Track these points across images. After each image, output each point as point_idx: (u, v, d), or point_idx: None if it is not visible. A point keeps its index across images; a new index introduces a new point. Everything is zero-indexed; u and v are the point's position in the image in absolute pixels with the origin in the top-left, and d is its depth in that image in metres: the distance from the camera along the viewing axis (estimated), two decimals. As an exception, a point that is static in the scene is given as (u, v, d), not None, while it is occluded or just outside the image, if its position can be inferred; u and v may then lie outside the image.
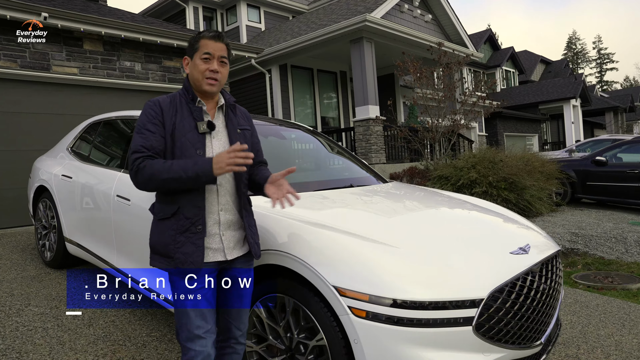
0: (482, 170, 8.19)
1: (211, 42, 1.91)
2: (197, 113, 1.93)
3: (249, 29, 15.40)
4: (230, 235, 1.95)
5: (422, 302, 1.86)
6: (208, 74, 1.90)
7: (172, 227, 1.86)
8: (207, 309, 1.88)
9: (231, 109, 2.06)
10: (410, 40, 11.19)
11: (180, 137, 1.87)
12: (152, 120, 1.88)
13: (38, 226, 4.66)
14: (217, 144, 1.95)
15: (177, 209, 1.86)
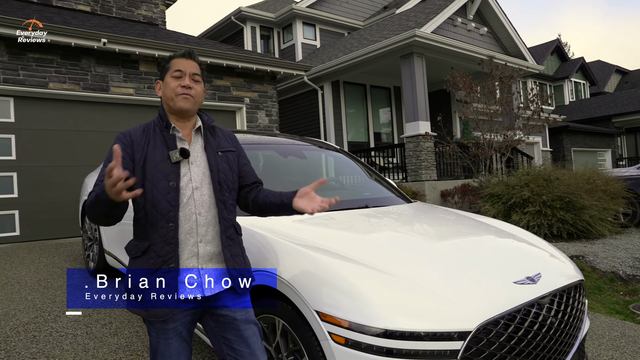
0: (535, 188, 7.79)
1: (182, 60, 1.85)
2: (170, 141, 1.82)
3: (305, 46, 15.72)
4: (211, 270, 1.82)
5: (403, 331, 1.79)
6: (180, 90, 1.79)
7: (142, 266, 1.76)
8: (181, 347, 1.82)
9: (210, 131, 1.94)
10: (462, 54, 10.94)
11: (152, 168, 1.76)
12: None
13: (84, 238, 4.99)
14: (196, 170, 1.84)
15: (147, 247, 1.76)
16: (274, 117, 9.86)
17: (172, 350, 1.79)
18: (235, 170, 1.97)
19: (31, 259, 5.52)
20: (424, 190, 9.90)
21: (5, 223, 6.87)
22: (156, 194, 1.75)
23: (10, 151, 6.94)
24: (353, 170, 3.99)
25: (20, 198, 6.96)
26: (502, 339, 1.91)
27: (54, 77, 7.12)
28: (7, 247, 6.30)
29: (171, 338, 1.78)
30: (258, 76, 9.61)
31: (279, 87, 13.17)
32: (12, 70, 6.80)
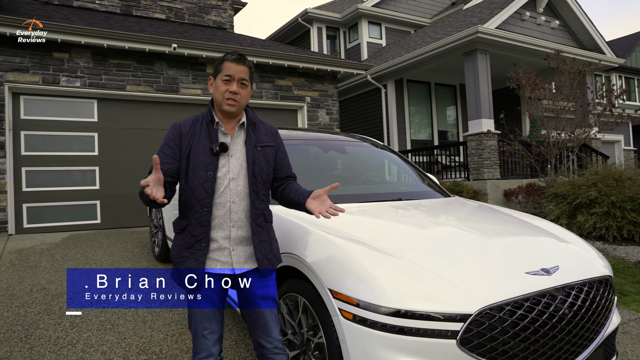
0: (603, 188, 7.40)
1: (233, 65, 2.01)
2: (213, 135, 2.04)
3: (370, 45, 15.81)
4: (241, 251, 2.05)
5: (406, 311, 1.94)
6: (227, 95, 2.00)
7: (180, 242, 2.05)
8: (212, 312, 2.04)
9: (252, 127, 2.13)
10: (529, 49, 10.54)
11: (194, 158, 2.00)
12: (169, 143, 2.05)
13: (151, 226, 5.50)
14: (235, 162, 2.05)
15: (185, 226, 2.03)
16: (334, 115, 10.10)
17: (203, 314, 2.03)
18: (272, 164, 2.18)
19: (108, 243, 6.15)
20: (486, 189, 9.68)
21: (89, 212, 7.66)
22: (195, 182, 2.00)
23: (93, 147, 7.72)
24: (394, 165, 4.11)
25: (101, 190, 7.73)
26: (505, 325, 1.99)
27: (130, 80, 7.82)
28: (89, 233, 7.04)
29: (203, 303, 2.02)
30: (319, 76, 9.88)
31: (341, 86, 13.39)
32: (96, 75, 7.57)
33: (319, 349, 2.28)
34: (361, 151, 4.05)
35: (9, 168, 6.99)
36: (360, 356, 2.00)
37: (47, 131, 7.41)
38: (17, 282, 4.34)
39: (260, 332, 2.11)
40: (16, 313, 3.63)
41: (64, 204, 7.48)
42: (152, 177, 1.78)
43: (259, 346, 2.14)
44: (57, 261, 5.13)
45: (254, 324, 2.13)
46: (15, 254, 5.40)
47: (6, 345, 3.10)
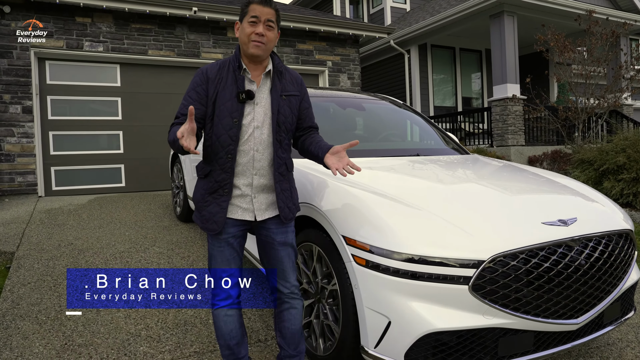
0: (633, 154, 7.17)
1: (259, 7, 1.97)
2: (240, 81, 2.00)
3: (394, 10, 15.39)
4: (262, 198, 2.08)
5: (419, 257, 1.95)
6: (254, 37, 1.96)
7: (204, 186, 2.07)
8: (232, 256, 2.09)
9: (278, 75, 2.09)
10: (559, 11, 10.11)
11: (220, 105, 1.98)
12: (195, 88, 2.02)
13: (173, 186, 5.61)
14: (260, 110, 2.04)
15: (209, 172, 2.05)
16: (356, 80, 9.97)
17: (223, 257, 2.08)
18: (296, 114, 2.18)
19: (132, 205, 6.31)
20: (510, 155, 9.51)
21: (114, 175, 7.85)
22: (220, 128, 2.00)
23: (117, 112, 7.84)
24: (415, 124, 4.06)
25: (125, 154, 7.88)
26: (519, 273, 1.98)
27: (152, 45, 7.84)
28: (114, 196, 7.22)
29: (223, 247, 2.07)
30: (340, 40, 9.72)
31: (364, 51, 13.15)
32: (118, 40, 7.61)
33: (333, 296, 2.32)
34: (379, 108, 4.00)
35: (37, 132, 7.17)
36: (372, 301, 2.03)
37: (73, 96, 7.54)
38: (46, 238, 4.51)
39: (277, 276, 2.16)
40: (45, 265, 3.79)
41: (90, 167, 7.67)
42: (186, 127, 1.78)
43: (275, 291, 2.20)
44: (83, 220, 5.30)
45: (271, 269, 2.18)
46: (45, 214, 5.59)
47: (37, 293, 3.25)
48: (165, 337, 2.72)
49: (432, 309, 1.95)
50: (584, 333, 2.25)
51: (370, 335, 2.05)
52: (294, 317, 2.18)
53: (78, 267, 3.75)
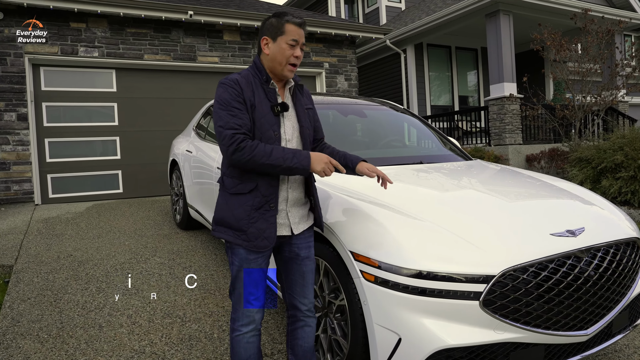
0: (630, 152, 7.17)
1: (298, 29, 1.95)
2: (271, 94, 1.99)
3: (389, 9, 15.37)
4: (295, 212, 2.06)
5: (428, 272, 1.92)
6: (292, 60, 1.96)
7: (247, 202, 1.93)
8: (259, 277, 1.99)
9: (299, 89, 2.13)
10: (554, 9, 10.10)
11: (260, 118, 1.93)
12: (236, 99, 1.90)
13: (172, 194, 5.57)
14: (289, 124, 2.04)
15: (255, 186, 1.93)
16: (353, 81, 9.94)
17: (252, 279, 1.98)
18: (313, 126, 2.21)
19: (130, 212, 6.26)
20: (507, 154, 9.51)
21: (111, 181, 7.79)
22: (263, 142, 1.93)
23: (113, 118, 7.78)
24: (416, 129, 4.03)
25: (122, 159, 7.83)
26: (529, 286, 1.96)
27: (148, 49, 7.79)
28: (112, 202, 7.17)
29: (252, 268, 1.98)
30: (337, 41, 9.69)
31: (360, 52, 13.12)
32: (113, 45, 7.55)
33: (341, 311, 2.29)
34: (381, 115, 3.98)
35: (33, 139, 7.11)
36: (382, 317, 2.00)
37: (68, 102, 7.48)
38: (44, 250, 4.46)
39: (296, 293, 2.13)
40: (45, 279, 3.74)
41: (87, 174, 7.61)
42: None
43: (292, 308, 2.16)
44: (82, 229, 5.25)
45: (291, 285, 2.14)
46: (42, 223, 5.54)
47: (37, 309, 3.21)
48: (170, 353, 2.68)
49: (443, 325, 1.92)
50: (594, 343, 2.24)
51: (380, 352, 2.02)
52: (307, 335, 2.15)
53: (79, 280, 3.71)
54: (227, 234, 1.98)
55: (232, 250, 2.01)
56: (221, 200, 2.03)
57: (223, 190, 2.04)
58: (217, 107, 1.93)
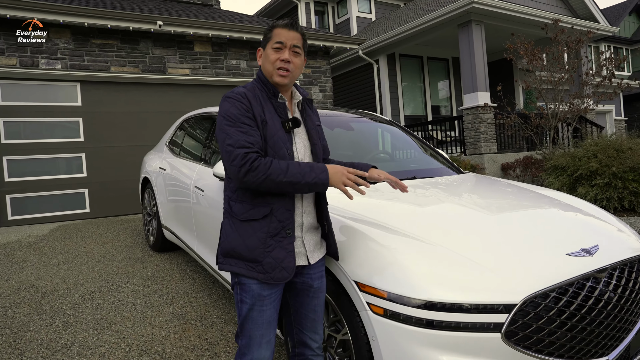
0: (604, 159, 7.26)
1: (284, 31, 1.79)
2: (281, 110, 1.81)
3: (360, 20, 15.39)
4: (309, 239, 1.86)
5: (443, 303, 1.73)
6: (279, 64, 1.77)
7: (262, 229, 1.72)
8: (273, 317, 1.79)
9: (308, 104, 1.97)
10: (524, 20, 10.26)
11: (272, 135, 1.74)
12: (245, 114, 1.72)
13: (144, 213, 5.24)
14: (299, 142, 1.85)
15: (269, 211, 1.73)
16: (327, 92, 9.80)
17: (264, 318, 1.76)
18: (322, 143, 2.03)
19: (99, 233, 5.88)
20: (483, 163, 9.52)
21: (77, 201, 7.35)
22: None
23: (78, 133, 7.37)
24: (403, 142, 3.88)
25: (89, 177, 7.41)
26: (551, 313, 1.80)
27: (115, 61, 7.44)
28: (78, 223, 6.75)
29: (266, 305, 1.75)
30: (311, 52, 9.55)
31: (333, 62, 13.03)
32: (77, 56, 7.17)
33: (343, 347, 2.08)
34: (367, 127, 3.80)
35: (-10, 158, 6.64)
36: (394, 355, 1.79)
37: (29, 117, 7.05)
38: (2, 280, 4.08)
39: (307, 329, 1.93)
40: (3, 315, 3.38)
41: (50, 193, 7.16)
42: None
43: (301, 345, 1.96)
44: (45, 255, 4.86)
45: (301, 320, 1.92)
46: (0, 249, 5.11)
47: (-5, 350, 2.86)
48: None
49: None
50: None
51: (393, 394, 1.81)
52: None
53: (43, 314, 3.36)
54: (239, 267, 1.76)
55: (242, 286, 1.77)
56: (229, 228, 1.80)
57: (231, 217, 1.80)
58: (223, 123, 1.72)
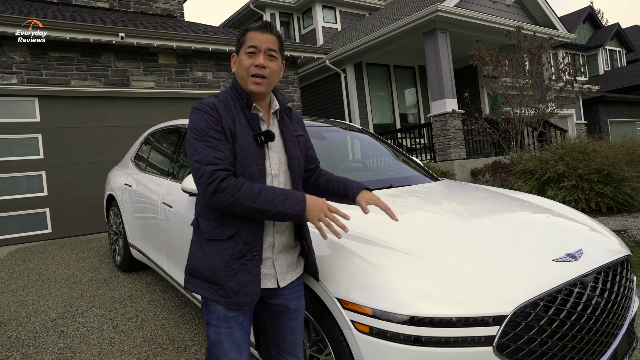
0: (570, 162, 7.43)
1: (257, 34, 1.65)
2: (254, 122, 1.68)
3: (325, 30, 15.47)
4: (282, 259, 1.74)
5: (432, 318, 1.65)
6: (253, 70, 1.64)
7: (226, 251, 1.62)
8: (242, 339, 1.69)
9: (287, 113, 1.83)
10: (488, 27, 10.49)
11: (242, 150, 1.62)
12: (214, 127, 1.59)
13: (110, 232, 5.00)
14: (274, 156, 1.72)
15: (235, 232, 1.62)
16: (296, 102, 9.73)
17: (233, 341, 1.66)
18: (304, 155, 1.88)
19: (62, 255, 5.59)
20: (453, 169, 9.61)
21: (38, 221, 7.00)
22: (246, 178, 1.62)
23: (38, 151, 7.04)
24: (377, 150, 3.82)
25: (50, 196, 7.07)
26: (542, 323, 1.74)
27: (75, 75, 7.16)
28: (40, 245, 6.42)
29: (233, 327, 1.65)
30: (278, 62, 9.45)
31: (300, 72, 12.99)
32: (35, 70, 6.87)
33: (327, 367, 1.96)
34: (340, 136, 3.73)
35: (-59, 179, 6.25)
36: (381, 375, 1.69)
37: (-17, 135, 6.68)
38: (-43, 309, 3.79)
39: (285, 352, 1.83)
40: (-44, 347, 3.12)
41: (8, 214, 6.78)
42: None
43: None
44: (2, 281, 4.57)
45: (279, 343, 1.82)
46: (-46, 275, 4.79)
47: (-55, 389, 2.62)
48: None
49: (454, 380, 1.65)
50: (602, 376, 2.05)
51: (383, 417, 1.71)
52: None
53: (-1, 345, 3.13)
54: (202, 288, 1.66)
55: (208, 307, 1.67)
56: (195, 246, 1.70)
57: (197, 234, 1.71)
58: (191, 137, 1.60)
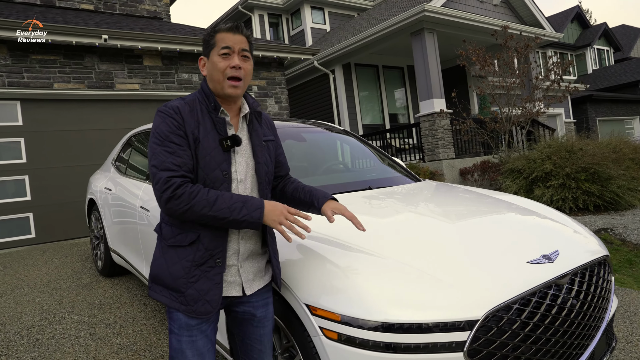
0: (558, 161, 7.44)
1: (229, 35, 1.62)
2: (220, 126, 1.64)
3: (314, 31, 15.44)
4: (248, 267, 1.71)
5: (401, 324, 1.61)
6: (230, 72, 1.60)
7: (187, 257, 1.58)
8: (206, 348, 1.64)
9: (256, 117, 1.78)
10: (475, 27, 10.51)
11: (205, 155, 1.59)
12: (175, 132, 1.56)
13: (92, 237, 4.93)
14: (241, 160, 1.68)
15: (196, 238, 1.59)
16: (283, 104, 9.68)
17: (195, 350, 1.61)
18: (273, 161, 1.84)
19: (44, 260, 5.50)
20: (442, 169, 9.61)
21: (21, 226, 6.89)
22: (209, 184, 1.60)
23: (20, 154, 6.94)
24: (359, 151, 3.78)
25: (33, 200, 6.97)
26: (515, 327, 1.71)
27: (58, 78, 7.07)
28: (22, 250, 6.33)
29: (196, 335, 1.61)
30: (265, 63, 9.42)
31: (289, 73, 12.95)
32: (16, 73, 6.77)
33: (298, 375, 1.92)
34: (321, 138, 3.69)
35: None
36: (351, 383, 1.65)
37: (-37, 139, 6.58)
38: None
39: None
40: None
41: (-10, 219, 6.68)
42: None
43: None
44: (-18, 287, 4.49)
45: (247, 351, 1.78)
46: None
47: None
48: None
49: (424, 387, 1.61)
50: (579, 379, 2.02)
51: None
52: None
53: (-28, 355, 3.05)
54: (164, 295, 1.63)
55: (170, 314, 1.64)
56: (157, 252, 1.67)
57: (160, 240, 1.68)
58: (152, 140, 1.58)
